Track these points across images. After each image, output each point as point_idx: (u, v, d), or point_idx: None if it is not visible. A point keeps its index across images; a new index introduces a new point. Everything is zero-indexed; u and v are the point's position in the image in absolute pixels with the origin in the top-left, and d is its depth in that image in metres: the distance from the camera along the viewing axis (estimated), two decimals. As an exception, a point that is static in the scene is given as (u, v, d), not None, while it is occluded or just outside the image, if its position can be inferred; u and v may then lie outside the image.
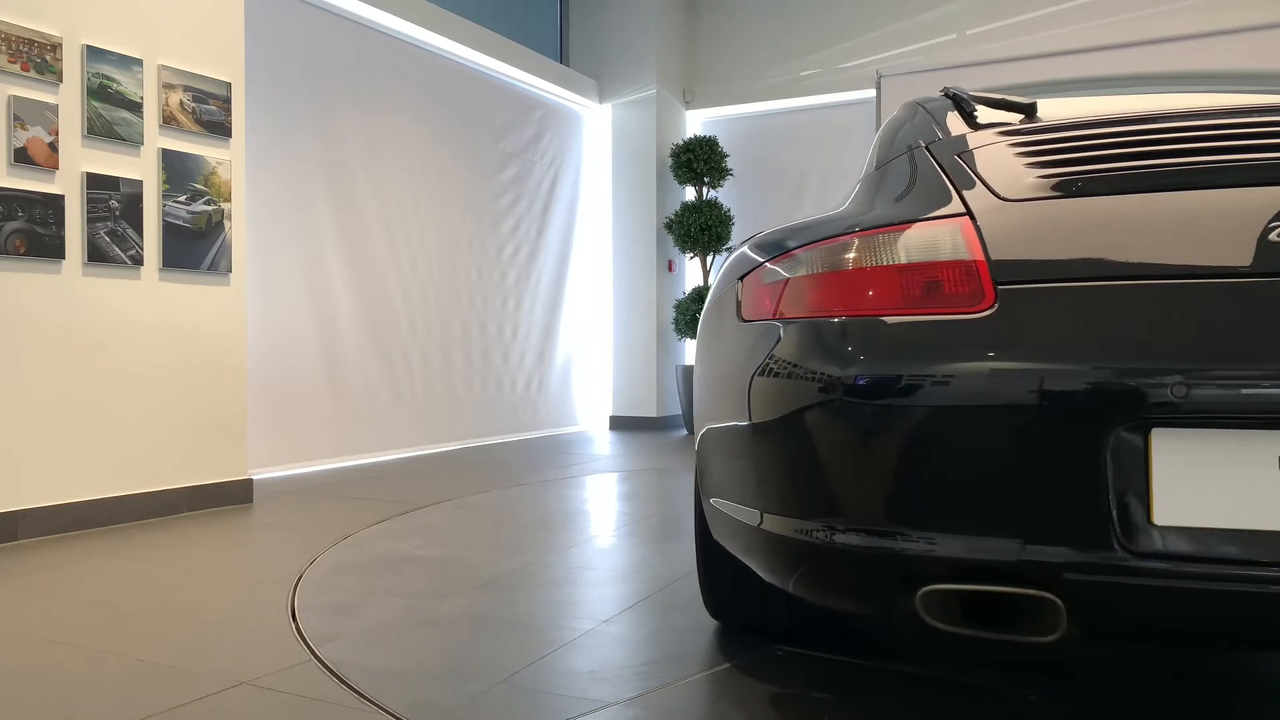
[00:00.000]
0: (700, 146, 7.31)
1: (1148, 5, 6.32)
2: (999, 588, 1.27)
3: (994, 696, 1.79)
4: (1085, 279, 1.28)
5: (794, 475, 1.43)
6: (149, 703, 1.78)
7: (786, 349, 1.46)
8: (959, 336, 1.30)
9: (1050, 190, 1.39)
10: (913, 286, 1.37)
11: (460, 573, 2.80)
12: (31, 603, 2.48)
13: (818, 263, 1.48)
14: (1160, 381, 1.19)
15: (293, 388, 5.05)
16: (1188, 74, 2.10)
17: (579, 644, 2.16)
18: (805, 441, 1.41)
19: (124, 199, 3.56)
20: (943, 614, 1.32)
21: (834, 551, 1.38)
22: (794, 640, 2.11)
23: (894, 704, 1.77)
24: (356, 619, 2.34)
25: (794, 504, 1.44)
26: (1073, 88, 2.06)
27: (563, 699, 1.81)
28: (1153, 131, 1.45)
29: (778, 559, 1.51)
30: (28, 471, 3.29)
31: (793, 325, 1.46)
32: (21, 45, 3.25)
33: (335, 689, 1.84)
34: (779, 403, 1.45)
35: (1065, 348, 1.25)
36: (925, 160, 1.60)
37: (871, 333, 1.37)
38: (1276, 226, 1.22)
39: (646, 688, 1.87)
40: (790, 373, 1.43)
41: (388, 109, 5.72)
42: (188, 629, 2.25)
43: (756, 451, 1.52)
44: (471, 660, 2.05)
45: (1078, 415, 1.22)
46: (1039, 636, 1.27)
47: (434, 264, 6.09)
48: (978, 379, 1.27)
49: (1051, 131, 1.54)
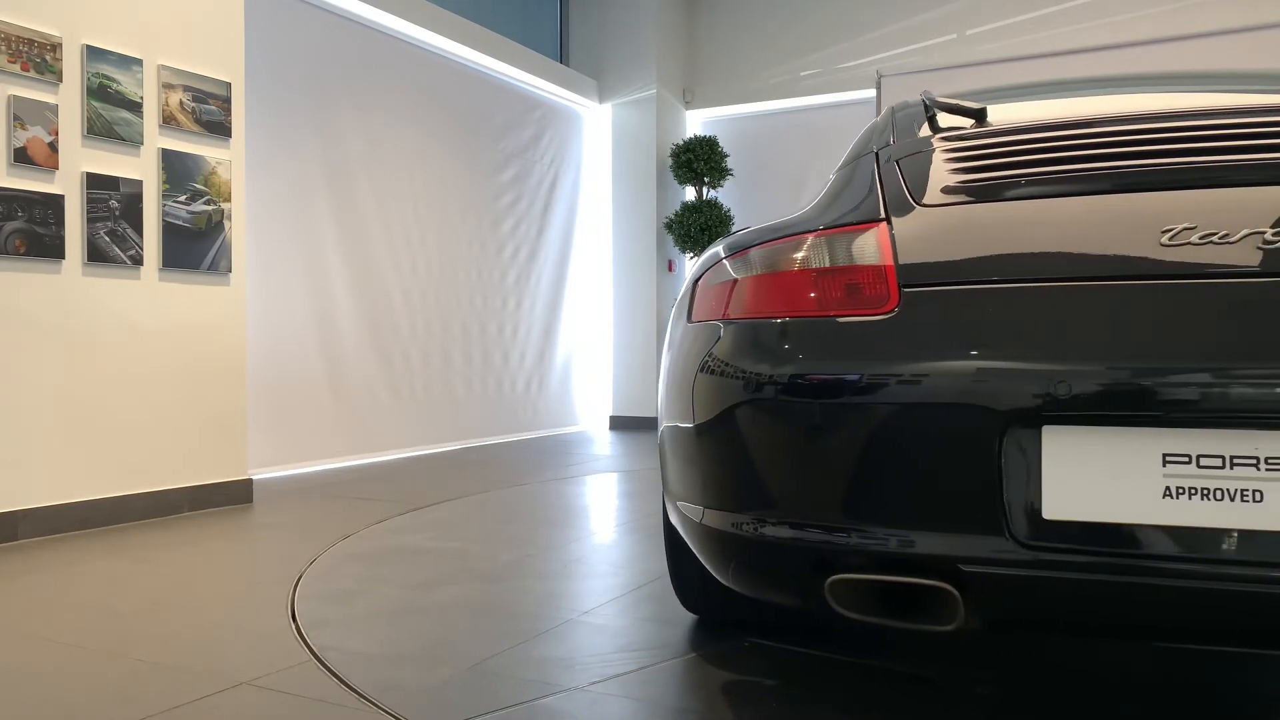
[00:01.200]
0: (700, 146, 7.31)
1: (1148, 5, 6.31)
2: (899, 578, 1.33)
3: (940, 689, 1.81)
4: (983, 281, 1.34)
5: (724, 471, 1.51)
6: (149, 703, 1.78)
7: (721, 348, 1.53)
8: (864, 337, 1.37)
9: (962, 196, 1.46)
10: (830, 290, 1.44)
11: (457, 565, 2.83)
12: (31, 603, 2.48)
13: (753, 266, 1.56)
14: (1050, 380, 1.24)
15: (293, 388, 5.05)
16: (1170, 75, 2.11)
17: (556, 632, 2.23)
18: (733, 439, 1.48)
19: (124, 199, 3.56)
20: (850, 603, 1.39)
21: (757, 543, 1.46)
22: (763, 632, 2.17)
23: (841, 692, 1.84)
24: (349, 607, 2.38)
25: (726, 499, 1.51)
26: (1047, 90, 2.08)
27: (525, 683, 1.89)
28: (1081, 136, 1.49)
29: (715, 552, 1.58)
30: (28, 471, 3.29)
31: (730, 326, 1.54)
32: (21, 45, 3.25)
33: (335, 689, 1.84)
34: (713, 401, 1.52)
35: (961, 347, 1.30)
36: (870, 166, 1.66)
37: (789, 334, 1.45)
38: (1169, 231, 1.27)
39: (607, 674, 1.94)
40: (723, 371, 1.51)
41: (388, 109, 5.72)
42: (188, 629, 2.25)
43: (697, 449, 1.58)
44: (448, 646, 2.13)
45: (972, 413, 1.27)
46: (939, 625, 1.34)
47: (434, 264, 6.09)
48: (878, 378, 1.34)
49: (986, 137, 1.60)
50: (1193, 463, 1.21)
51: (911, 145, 1.67)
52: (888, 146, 1.72)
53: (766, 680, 1.90)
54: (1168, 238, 1.27)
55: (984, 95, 2.04)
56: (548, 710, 1.75)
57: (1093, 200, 1.36)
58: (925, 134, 1.72)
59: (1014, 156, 1.50)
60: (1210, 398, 1.19)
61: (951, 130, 1.70)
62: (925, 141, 1.66)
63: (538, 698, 1.81)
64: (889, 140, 1.77)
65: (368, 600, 2.48)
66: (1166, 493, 1.22)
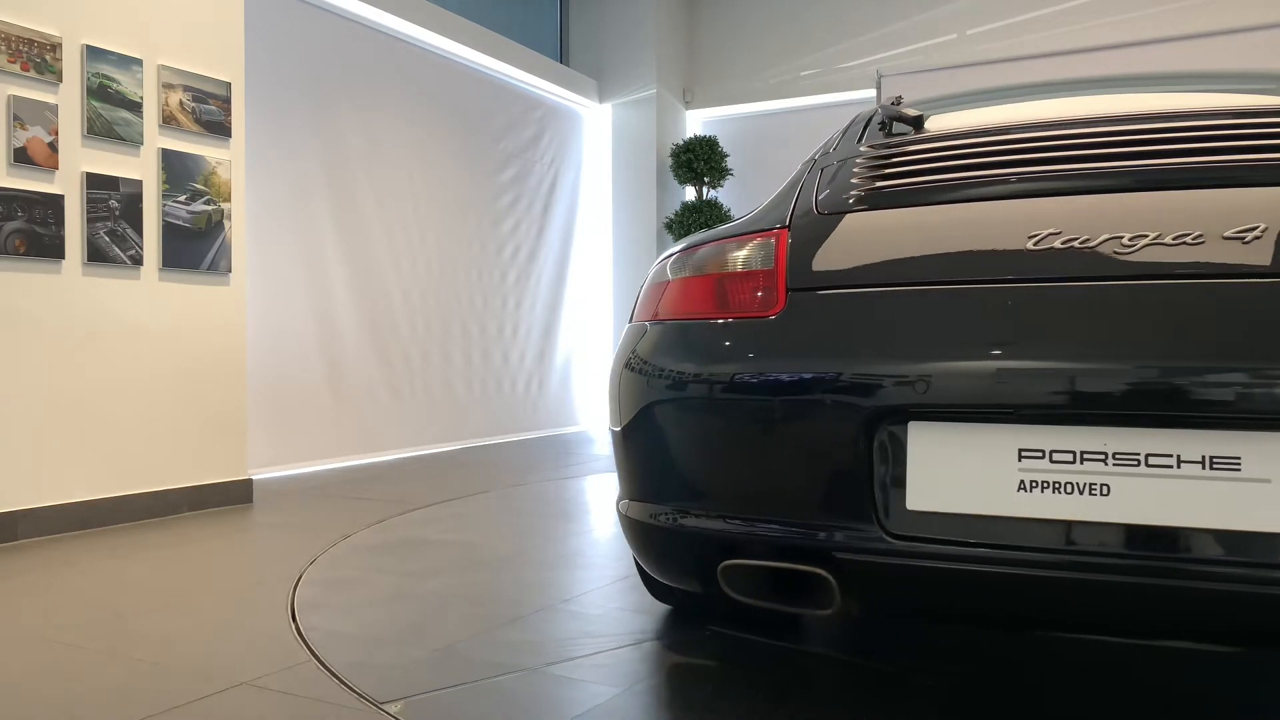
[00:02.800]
0: (700, 146, 7.31)
1: (1148, 5, 6.31)
2: (781, 564, 1.42)
3: (885, 677, 1.86)
4: (859, 286, 1.44)
5: (636, 464, 1.63)
6: (149, 703, 1.78)
7: (641, 348, 1.64)
8: (753, 338, 1.47)
9: (856, 205, 1.55)
10: (731, 293, 1.55)
11: (454, 557, 2.86)
12: (31, 603, 2.48)
13: (678, 270, 1.67)
14: (915, 379, 1.31)
15: (293, 388, 5.05)
16: (1154, 76, 2.15)
17: (531, 618, 2.34)
18: (642, 433, 1.59)
19: (124, 199, 3.56)
20: (741, 587, 1.49)
21: (662, 532, 1.57)
22: (726, 621, 2.25)
23: (774, 676, 1.92)
24: (343, 594, 2.43)
25: (639, 490, 1.63)
26: (1013, 94, 2.14)
27: (485, 664, 2.01)
28: (983, 146, 1.57)
29: (635, 541, 1.68)
30: (28, 471, 3.29)
31: (653, 326, 1.65)
32: (21, 45, 3.25)
33: (335, 689, 1.84)
34: (629, 398, 1.63)
35: (836, 348, 1.40)
36: (801, 174, 1.76)
37: (692, 335, 1.56)
38: (1035, 236, 1.34)
39: (564, 657, 2.05)
40: (639, 369, 1.62)
41: (388, 109, 5.72)
42: (188, 629, 2.25)
43: (619, 443, 1.70)
44: (427, 629, 2.24)
45: (845, 410, 1.35)
46: (819, 609, 1.43)
47: (434, 264, 6.09)
48: (761, 377, 1.43)
49: (898, 147, 1.68)
50: (1046, 458, 1.27)
51: (841, 154, 1.75)
52: (825, 154, 1.80)
53: (710, 663, 2.00)
54: (1032, 243, 1.33)
55: (957, 99, 2.12)
56: (495, 687, 1.87)
57: (967, 208, 1.44)
58: (862, 143, 1.80)
59: (910, 166, 1.58)
60: (1062, 396, 1.25)
61: (884, 139, 1.77)
62: (854, 150, 1.74)
63: (490, 676, 1.93)
64: (829, 148, 1.85)
65: (362, 588, 2.49)
66: (1021, 486, 1.28)
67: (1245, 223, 1.25)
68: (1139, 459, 1.23)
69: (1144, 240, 1.28)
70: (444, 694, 1.82)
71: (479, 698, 1.81)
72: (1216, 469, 1.20)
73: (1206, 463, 1.21)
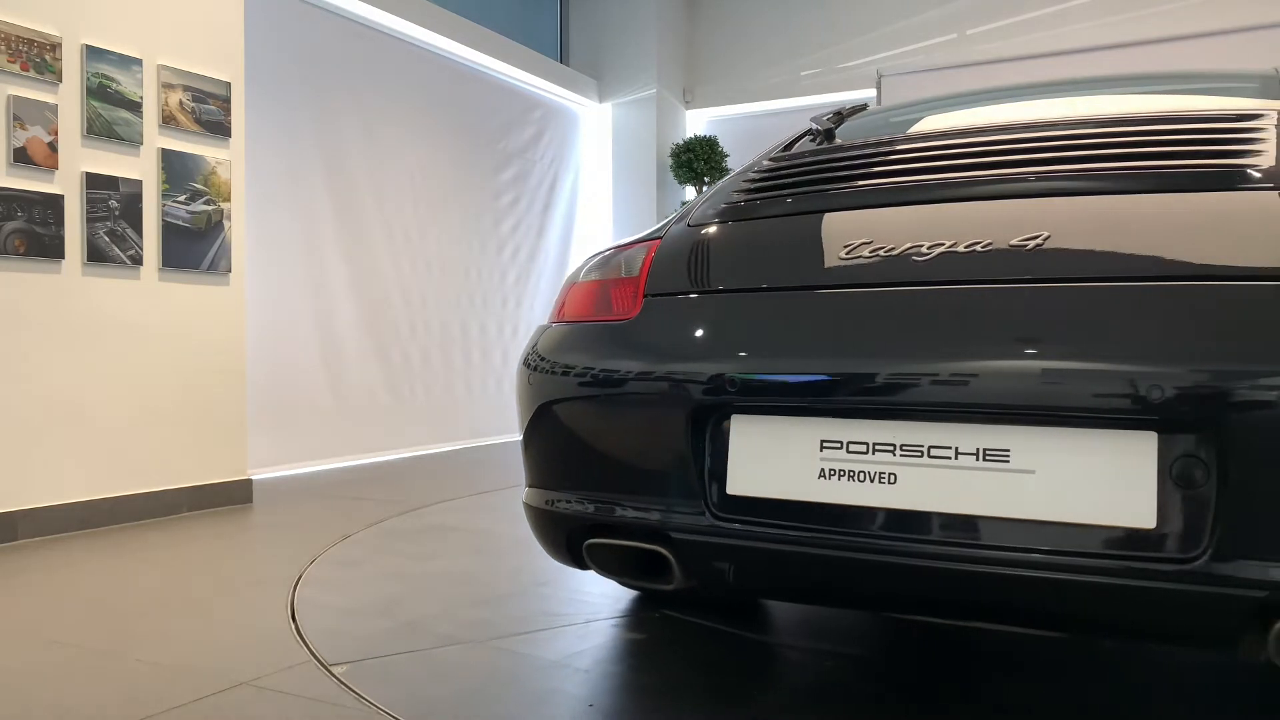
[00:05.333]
0: (700, 146, 7.30)
1: (1148, 5, 6.31)
2: (629, 543, 1.56)
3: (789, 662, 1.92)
4: (697, 291, 1.59)
5: (526, 452, 1.78)
6: (149, 703, 1.78)
7: (537, 346, 1.78)
8: (612, 339, 1.63)
9: (714, 217, 1.70)
10: (605, 298, 1.70)
11: (455, 553, 2.88)
12: (31, 603, 2.48)
13: (575, 277, 1.84)
14: (735, 377, 1.45)
15: (293, 388, 5.04)
16: (1083, 81, 2.22)
17: (502, 598, 2.50)
18: (530, 425, 1.75)
19: (123, 199, 3.56)
20: (603, 564, 1.65)
21: (542, 514, 1.72)
22: (681, 606, 2.38)
23: (704, 653, 2.07)
24: (344, 594, 2.47)
25: (529, 477, 1.78)
26: (941, 105, 2.24)
27: (438, 635, 2.18)
28: (841, 160, 1.70)
29: (530, 524, 1.80)
30: (28, 471, 3.29)
31: (551, 327, 1.80)
32: (21, 45, 3.25)
33: (335, 689, 1.84)
34: (521, 393, 1.79)
35: (673, 347, 1.55)
36: (715, 185, 1.91)
37: (570, 335, 1.72)
38: (848, 246, 1.46)
39: (513, 632, 2.21)
40: (532, 365, 1.76)
41: (388, 109, 5.72)
42: (188, 629, 2.25)
43: (521, 434, 1.85)
44: (404, 605, 2.42)
45: (680, 402, 1.49)
46: (664, 585, 1.58)
47: (434, 264, 6.09)
48: (613, 373, 1.58)
49: (775, 163, 1.83)
50: (843, 449, 1.39)
51: (746, 168, 1.88)
52: (745, 167, 1.93)
53: (642, 638, 2.16)
54: (844, 253, 1.46)
55: (899, 109, 2.28)
56: (436, 656, 2.05)
57: (796, 220, 1.58)
58: (771, 155, 1.95)
59: (768, 181, 1.73)
60: (856, 392, 1.37)
61: (783, 153, 1.92)
62: (755, 164, 1.88)
63: (437, 646, 2.11)
64: (746, 162, 1.99)
65: (362, 587, 2.49)
66: (821, 473, 1.41)
67: (1031, 232, 1.34)
68: (922, 450, 1.34)
69: (939, 249, 1.39)
70: (389, 659, 2.01)
71: (416, 663, 2.00)
72: (989, 460, 1.30)
73: (980, 454, 1.31)
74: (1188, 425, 1.19)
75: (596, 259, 1.82)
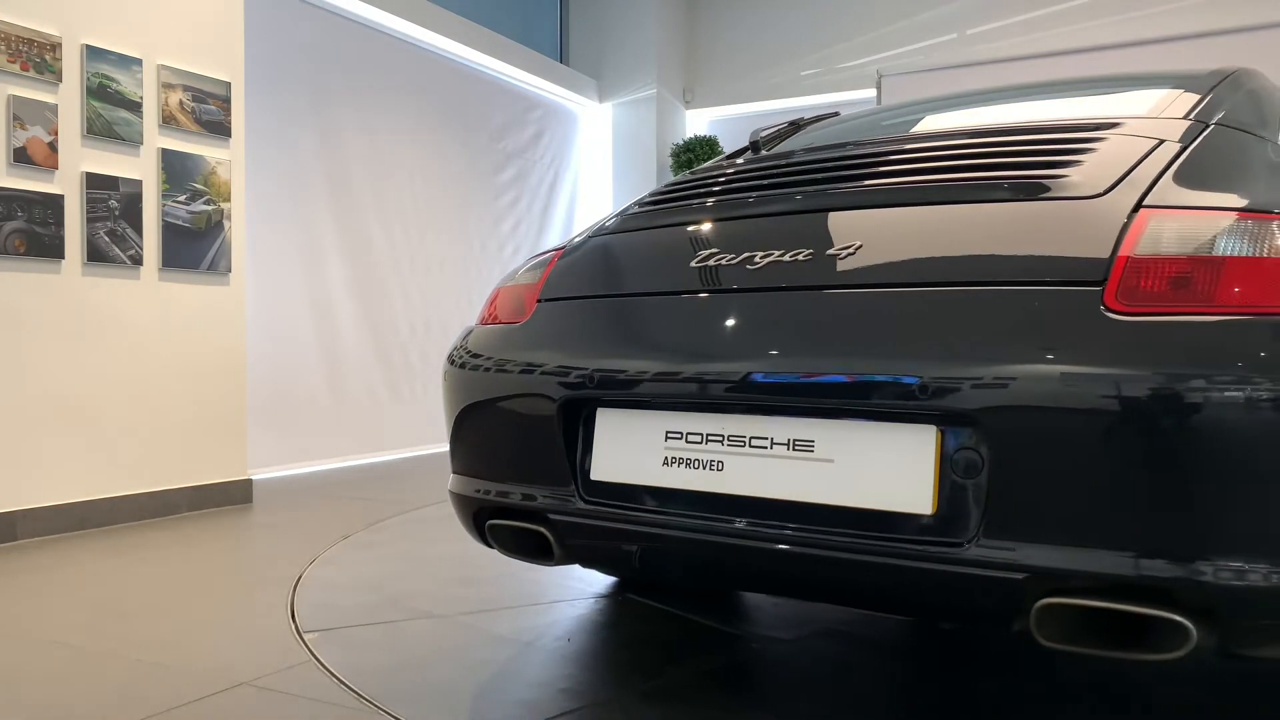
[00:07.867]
0: (700, 146, 7.30)
1: (1148, 5, 6.31)
2: (515, 523, 1.70)
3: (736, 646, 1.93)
4: (574, 296, 1.75)
5: (451, 443, 1.90)
6: (149, 703, 1.78)
7: (467, 344, 1.89)
8: (504, 338, 1.79)
9: (612, 228, 1.84)
10: (511, 302, 1.86)
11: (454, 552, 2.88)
12: (31, 603, 2.48)
13: (500, 283, 1.96)
14: (598, 373, 1.59)
15: (292, 387, 5.04)
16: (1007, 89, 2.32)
17: (487, 580, 2.63)
18: (450, 417, 1.88)
19: (123, 199, 3.56)
20: (500, 542, 1.77)
21: (457, 498, 1.85)
22: (645, 591, 2.50)
23: (671, 635, 2.20)
24: (343, 594, 2.46)
25: (452, 464, 1.90)
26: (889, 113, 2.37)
27: (413, 610, 2.34)
28: (723, 175, 1.85)
29: (454, 508, 1.91)
30: (28, 471, 3.29)
31: (473, 329, 1.93)
32: (21, 45, 3.25)
33: (335, 689, 1.84)
34: (444, 388, 1.92)
35: (550, 346, 1.70)
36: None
37: (479, 334, 1.87)
38: (699, 255, 1.60)
39: (480, 609, 2.34)
40: (454, 362, 1.88)
41: (388, 108, 5.72)
42: (188, 629, 2.25)
43: None
44: (392, 583, 2.57)
45: (556, 395, 1.63)
46: (547, 562, 1.71)
47: (434, 264, 6.09)
48: (503, 369, 1.73)
49: (690, 175, 1.95)
50: (683, 439, 1.53)
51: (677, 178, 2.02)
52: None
53: (601, 619, 2.29)
54: (694, 262, 1.61)
55: (840, 120, 2.40)
56: (404, 629, 2.21)
57: (664, 231, 1.74)
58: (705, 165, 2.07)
59: (666, 193, 1.88)
60: (694, 387, 1.49)
61: (698, 167, 2.04)
62: (683, 176, 2.01)
63: (408, 619, 2.28)
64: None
65: (362, 587, 2.49)
66: (665, 461, 1.54)
67: (847, 242, 1.48)
68: (744, 440, 1.48)
69: (769, 259, 1.52)
70: (356, 629, 2.20)
71: (380, 633, 2.18)
72: (797, 450, 1.43)
73: (790, 445, 1.44)
74: (962, 420, 1.29)
75: (522, 266, 1.96)
